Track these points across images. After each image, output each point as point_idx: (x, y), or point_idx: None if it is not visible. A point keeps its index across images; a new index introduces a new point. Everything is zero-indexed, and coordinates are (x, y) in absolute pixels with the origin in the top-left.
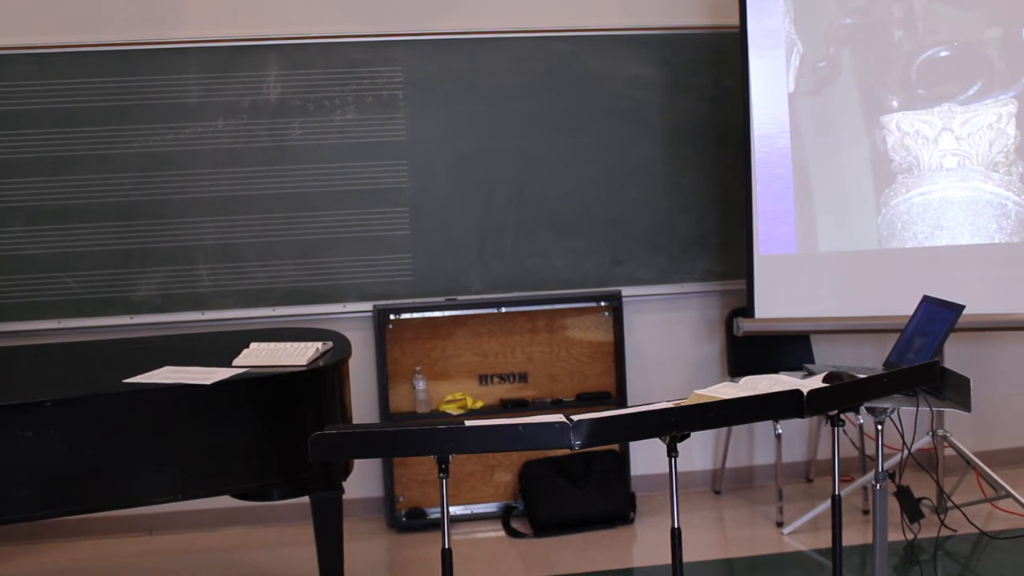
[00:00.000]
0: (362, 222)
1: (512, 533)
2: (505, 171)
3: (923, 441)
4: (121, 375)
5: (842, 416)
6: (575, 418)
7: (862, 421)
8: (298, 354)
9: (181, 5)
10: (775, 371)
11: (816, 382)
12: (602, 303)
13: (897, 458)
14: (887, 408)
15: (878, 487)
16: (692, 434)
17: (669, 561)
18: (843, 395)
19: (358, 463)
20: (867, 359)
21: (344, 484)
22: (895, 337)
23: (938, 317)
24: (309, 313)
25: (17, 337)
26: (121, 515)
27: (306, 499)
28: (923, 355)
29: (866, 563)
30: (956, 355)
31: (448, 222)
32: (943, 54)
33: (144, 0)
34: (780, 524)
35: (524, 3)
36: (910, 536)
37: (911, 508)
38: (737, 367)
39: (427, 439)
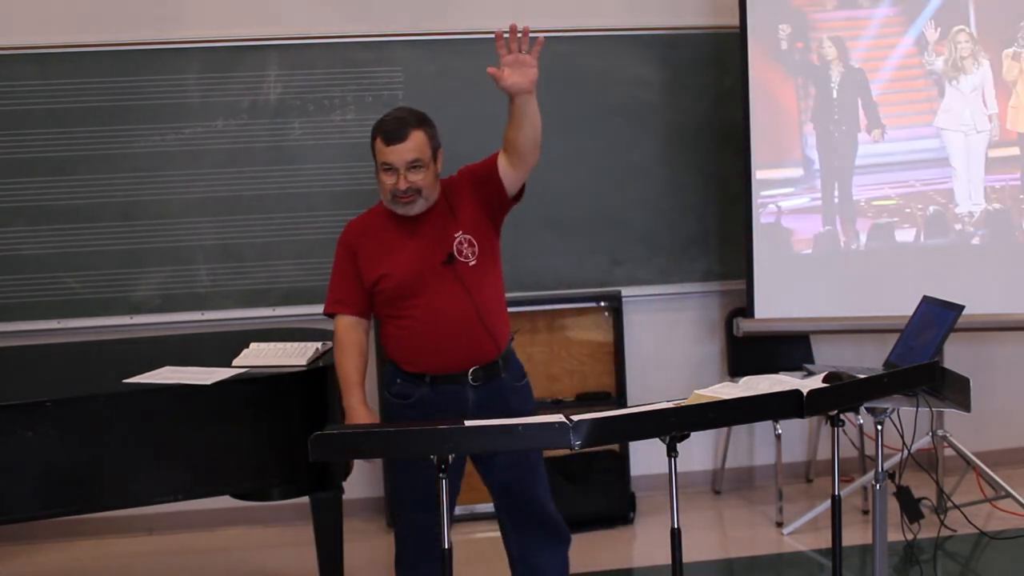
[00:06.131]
0: None
1: None
2: None
3: (923, 441)
4: (121, 375)
5: (842, 416)
6: (575, 418)
7: (862, 421)
8: (298, 354)
9: (181, 5)
10: (775, 371)
11: (816, 382)
12: (602, 303)
13: (897, 458)
14: (887, 408)
15: (878, 487)
16: (692, 434)
17: (669, 561)
18: (843, 395)
19: (358, 463)
20: (867, 359)
21: (344, 484)
22: (895, 337)
23: (938, 317)
24: (309, 313)
25: (17, 337)
26: (121, 515)
27: (306, 499)
28: (923, 355)
29: (866, 563)
30: (956, 355)
31: None
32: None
33: (144, 0)
34: (780, 524)
35: (524, 3)
36: (910, 536)
37: (911, 508)
38: (737, 367)
39: (427, 439)
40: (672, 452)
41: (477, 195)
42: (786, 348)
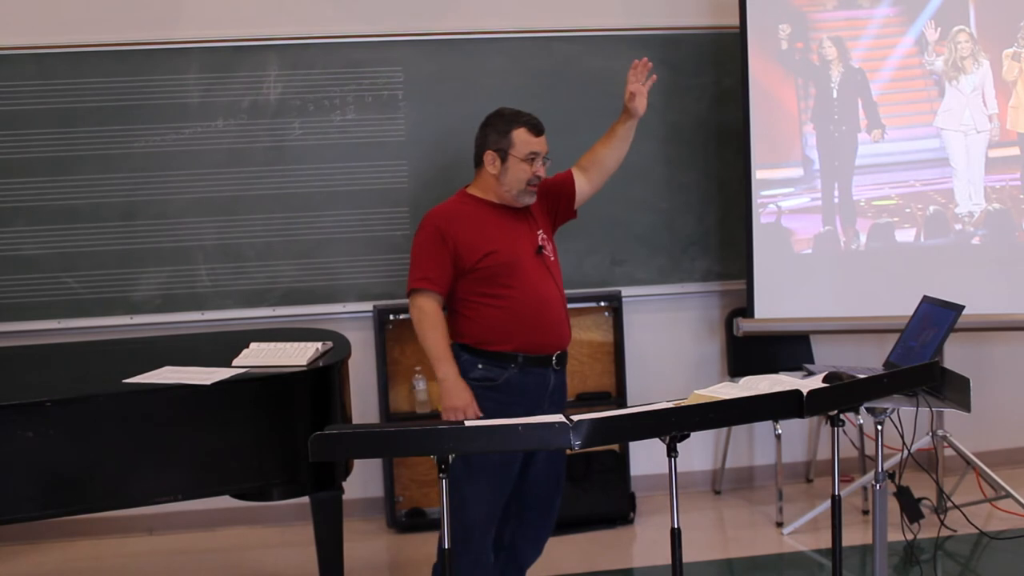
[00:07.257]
0: (362, 222)
1: None
2: None
3: (923, 441)
4: (121, 375)
5: (842, 416)
6: (575, 418)
7: (862, 421)
8: (298, 354)
9: (181, 5)
10: (775, 371)
11: (816, 382)
12: (602, 303)
13: (897, 458)
14: (887, 408)
15: (878, 487)
16: (692, 434)
17: (669, 561)
18: (843, 395)
19: (358, 463)
20: (867, 359)
21: (344, 484)
22: (895, 337)
23: (938, 317)
24: (309, 313)
25: (17, 337)
26: (121, 515)
27: (306, 499)
28: (923, 355)
29: (866, 563)
30: (956, 355)
31: None
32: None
33: (144, 0)
34: (780, 524)
35: (524, 3)
36: (910, 536)
37: (911, 508)
38: (737, 367)
39: (427, 439)
40: (672, 452)
41: (544, 204)
42: (786, 348)
